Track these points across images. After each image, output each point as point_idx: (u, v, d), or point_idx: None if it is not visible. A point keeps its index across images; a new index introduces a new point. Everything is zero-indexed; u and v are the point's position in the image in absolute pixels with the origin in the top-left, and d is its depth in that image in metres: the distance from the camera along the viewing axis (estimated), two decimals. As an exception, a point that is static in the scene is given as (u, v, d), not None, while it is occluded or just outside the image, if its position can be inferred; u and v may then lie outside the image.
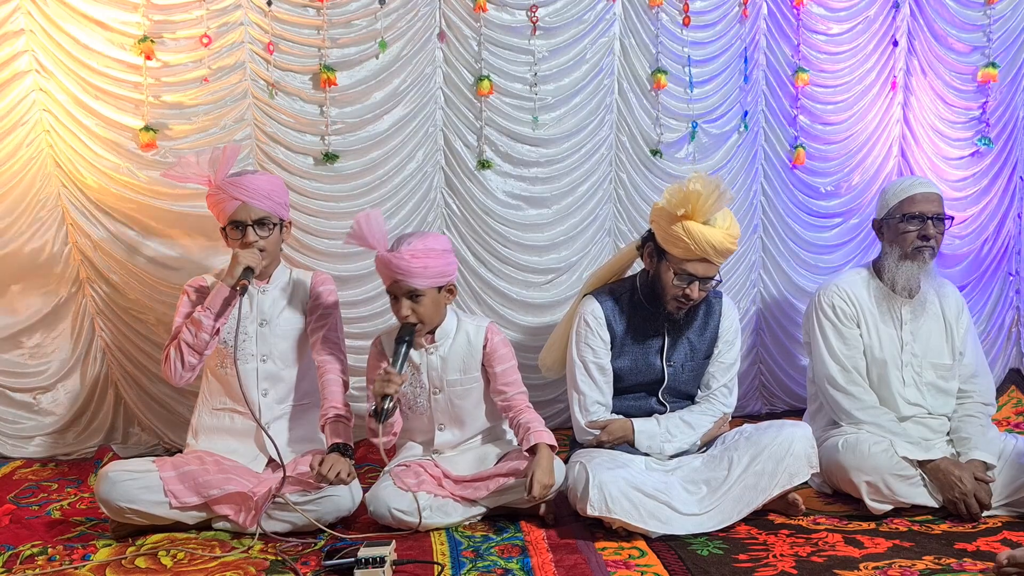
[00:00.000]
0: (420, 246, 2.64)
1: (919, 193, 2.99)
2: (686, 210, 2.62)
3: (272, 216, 2.75)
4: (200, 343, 2.68)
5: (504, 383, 2.81)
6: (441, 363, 2.79)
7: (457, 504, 2.68)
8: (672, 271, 2.72)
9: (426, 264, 2.62)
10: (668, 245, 2.71)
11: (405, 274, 2.61)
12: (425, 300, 2.67)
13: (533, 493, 2.55)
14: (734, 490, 2.62)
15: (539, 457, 2.62)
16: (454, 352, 2.80)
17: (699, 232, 2.63)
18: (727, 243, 2.67)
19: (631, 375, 2.87)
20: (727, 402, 2.92)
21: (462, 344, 2.80)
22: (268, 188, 2.74)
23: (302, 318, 2.87)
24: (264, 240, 2.74)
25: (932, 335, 3.04)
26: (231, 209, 2.70)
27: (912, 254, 2.97)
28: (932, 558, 2.36)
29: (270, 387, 2.82)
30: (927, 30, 3.95)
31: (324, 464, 2.56)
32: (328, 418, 2.72)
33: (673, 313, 2.80)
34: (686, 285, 2.72)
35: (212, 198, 2.74)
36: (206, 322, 2.66)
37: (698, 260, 2.68)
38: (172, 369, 2.70)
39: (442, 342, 2.79)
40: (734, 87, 3.81)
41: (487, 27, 3.54)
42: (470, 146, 3.62)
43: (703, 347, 2.89)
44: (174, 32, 3.29)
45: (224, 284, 2.68)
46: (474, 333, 2.82)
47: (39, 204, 3.34)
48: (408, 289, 2.64)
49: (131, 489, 2.54)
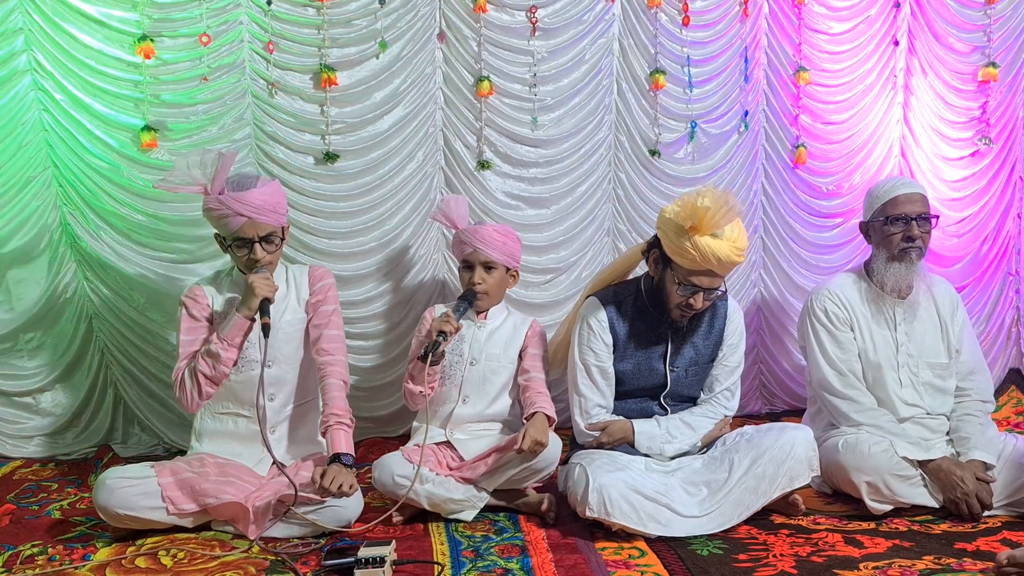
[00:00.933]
0: (500, 226, 3.07)
1: (901, 194, 2.98)
2: (694, 223, 2.59)
3: (278, 230, 2.74)
4: (219, 375, 2.67)
5: (531, 364, 2.98)
6: (486, 338, 2.97)
7: (458, 484, 2.73)
8: (677, 281, 2.71)
9: (505, 241, 2.97)
10: (674, 255, 2.69)
11: (487, 244, 2.94)
12: (496, 273, 2.97)
13: (523, 445, 2.60)
14: (734, 492, 2.62)
15: (535, 419, 2.75)
16: (499, 333, 3.01)
17: (706, 246, 2.60)
18: (733, 256, 2.64)
19: (633, 379, 2.87)
20: (729, 405, 2.91)
21: (508, 328, 3.03)
22: (273, 201, 2.69)
23: (303, 317, 2.86)
24: (271, 255, 2.73)
25: (927, 334, 3.03)
26: (236, 226, 2.64)
27: (899, 256, 2.96)
28: (932, 558, 2.36)
29: (276, 391, 2.80)
30: (927, 30, 3.95)
31: (326, 477, 2.54)
32: (329, 425, 2.70)
33: (677, 321, 2.80)
34: (690, 295, 2.70)
35: (212, 211, 2.66)
36: (225, 355, 2.64)
37: (703, 273, 2.66)
38: (188, 398, 2.68)
39: (493, 320, 3.02)
40: (734, 87, 3.81)
41: (487, 28, 3.54)
42: (470, 146, 3.62)
43: (707, 351, 2.88)
44: (173, 31, 3.28)
45: (241, 316, 2.65)
46: (520, 322, 3.06)
47: (38, 204, 3.33)
48: (486, 259, 2.94)
49: (129, 496, 2.53)
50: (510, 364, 2.99)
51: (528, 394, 2.91)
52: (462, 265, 3.02)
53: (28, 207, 3.32)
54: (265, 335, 2.61)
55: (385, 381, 3.66)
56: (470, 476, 2.75)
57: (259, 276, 2.67)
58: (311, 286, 2.87)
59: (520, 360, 3.00)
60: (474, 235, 2.96)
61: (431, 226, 3.63)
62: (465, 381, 2.93)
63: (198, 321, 2.76)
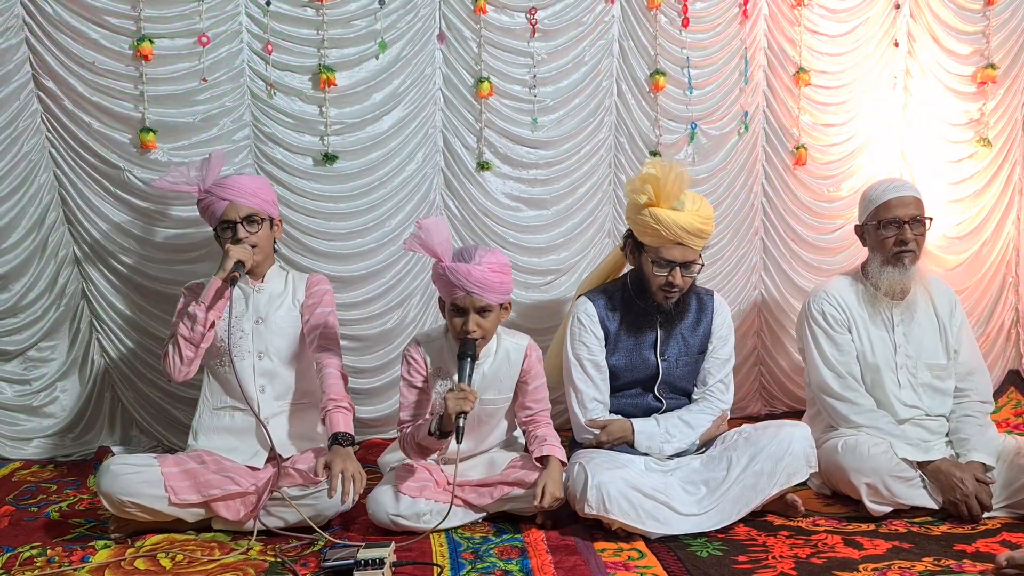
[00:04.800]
0: (494, 260, 2.58)
1: (894, 198, 2.98)
2: (649, 197, 2.67)
3: (260, 212, 2.83)
4: (196, 336, 2.72)
5: (533, 399, 2.79)
6: (480, 380, 2.69)
7: (458, 509, 2.66)
8: (651, 261, 2.75)
9: (503, 280, 2.59)
10: (642, 236, 2.76)
11: (484, 288, 2.54)
12: (492, 316, 2.61)
13: (543, 503, 2.55)
14: (733, 490, 2.62)
15: (550, 468, 2.64)
16: (494, 370, 2.74)
17: (666, 217, 2.66)
18: (698, 223, 2.69)
19: (626, 371, 2.88)
20: (724, 398, 2.92)
21: (502, 362, 2.75)
22: (253, 186, 2.85)
23: (298, 317, 2.90)
24: (254, 236, 2.81)
25: (925, 335, 3.03)
26: (220, 210, 2.79)
27: (892, 259, 2.96)
28: (931, 559, 2.36)
29: (267, 383, 2.84)
30: (927, 31, 3.95)
31: (334, 467, 2.54)
32: (328, 409, 2.73)
33: (663, 304, 2.81)
34: (668, 272, 2.74)
35: (202, 203, 2.84)
36: (200, 315, 2.71)
37: (673, 244, 2.71)
38: (171, 364, 2.75)
39: (484, 360, 2.72)
40: (734, 88, 3.81)
41: (487, 29, 3.54)
42: (469, 148, 3.62)
43: (696, 342, 2.90)
44: (172, 32, 3.28)
45: (216, 278, 2.72)
46: (514, 352, 2.76)
47: (38, 204, 3.33)
48: (482, 305, 2.56)
49: (133, 482, 2.54)
50: (506, 402, 2.80)
51: (533, 431, 2.76)
52: (450, 307, 2.61)
53: (28, 207, 3.32)
54: (232, 285, 2.70)
55: (383, 383, 3.66)
56: (475, 503, 2.68)
57: (238, 245, 2.77)
58: (307, 290, 2.93)
59: (517, 395, 2.79)
60: (467, 278, 2.51)
61: (431, 227, 3.63)
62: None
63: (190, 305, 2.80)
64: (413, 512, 2.59)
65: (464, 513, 2.69)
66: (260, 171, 3.43)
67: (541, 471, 2.65)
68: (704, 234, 2.73)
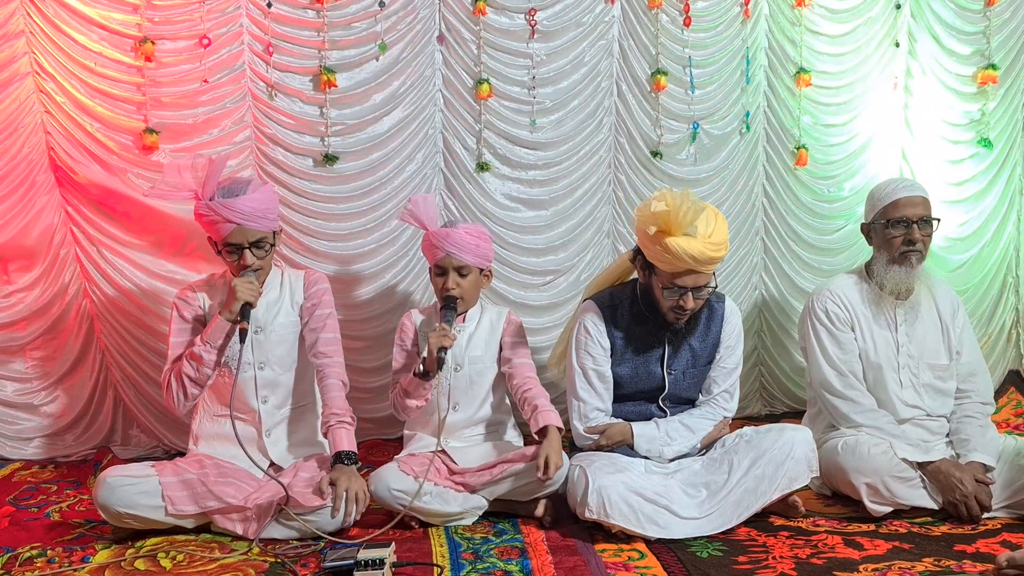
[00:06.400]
0: (472, 227, 2.93)
1: (903, 198, 2.97)
2: (659, 227, 2.57)
3: (268, 236, 2.72)
4: (203, 377, 2.69)
5: (511, 352, 2.95)
6: (467, 341, 2.93)
7: (456, 493, 2.71)
8: (662, 285, 2.68)
9: (478, 243, 2.88)
10: (653, 260, 2.67)
11: (460, 248, 2.84)
12: (470, 277, 2.89)
13: (548, 473, 2.60)
14: (734, 494, 2.62)
15: (550, 439, 2.69)
16: (478, 334, 2.96)
17: (677, 247, 2.55)
18: (709, 252, 2.58)
19: (631, 383, 2.86)
20: (728, 407, 2.90)
21: (486, 326, 2.98)
22: (263, 207, 2.67)
23: (297, 320, 2.85)
24: (261, 260, 2.72)
25: (928, 336, 3.03)
26: (225, 232, 2.65)
27: (899, 259, 2.96)
28: (931, 560, 2.36)
29: (270, 394, 2.81)
30: (928, 31, 3.94)
31: (339, 486, 2.54)
32: (330, 425, 2.71)
33: (673, 324, 2.78)
34: (678, 297, 2.67)
35: (203, 217, 2.67)
36: (207, 358, 2.66)
37: (685, 273, 2.62)
38: (175, 400, 2.71)
39: (470, 323, 2.97)
40: (736, 88, 3.81)
41: (486, 30, 3.54)
42: (469, 148, 3.62)
43: (705, 352, 2.87)
44: (174, 33, 3.29)
45: (223, 319, 2.65)
46: (496, 318, 3.02)
47: (39, 206, 3.33)
48: (459, 264, 2.85)
49: (130, 494, 2.53)
50: (493, 363, 2.97)
51: (521, 387, 2.87)
52: (434, 269, 2.92)
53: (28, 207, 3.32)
54: (241, 340, 2.62)
55: (385, 382, 3.64)
56: (472, 483, 2.72)
57: (243, 280, 2.67)
58: (305, 290, 2.87)
59: (502, 349, 2.97)
60: (446, 240, 2.84)
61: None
62: (453, 388, 2.90)
63: (188, 323, 2.78)
64: (414, 489, 2.62)
65: (464, 498, 2.71)
66: (261, 172, 3.43)
67: (540, 444, 2.69)
68: (715, 261, 2.62)
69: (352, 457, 2.65)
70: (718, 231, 2.61)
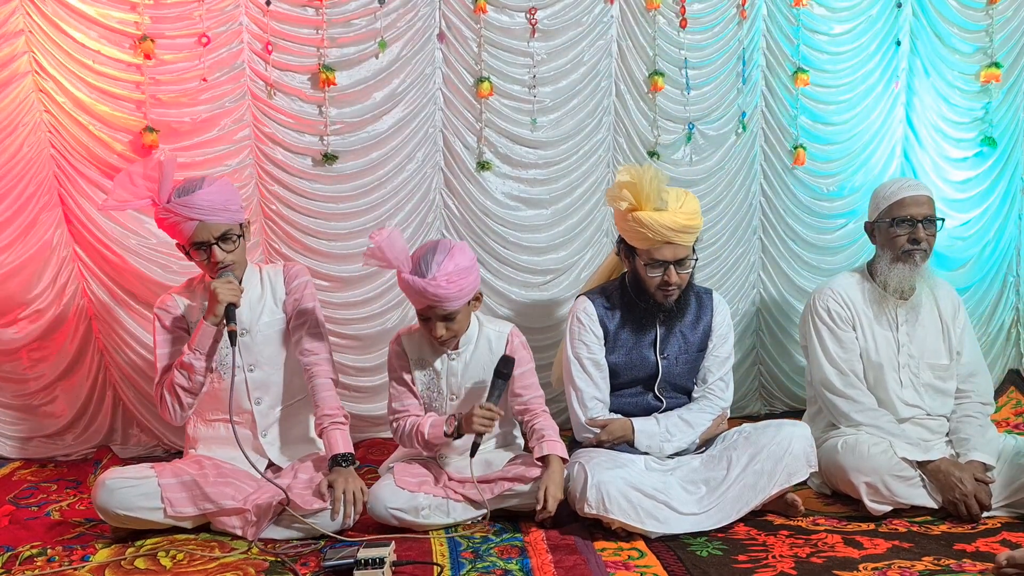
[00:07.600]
0: (451, 267, 2.53)
1: (908, 196, 2.97)
2: (629, 203, 2.67)
3: (234, 228, 2.64)
4: (196, 385, 2.67)
5: (522, 386, 2.77)
6: (463, 369, 2.75)
7: (457, 504, 2.67)
8: (644, 264, 2.75)
9: (461, 287, 2.56)
10: (631, 240, 2.76)
11: (442, 300, 2.55)
12: (459, 317, 2.64)
13: (547, 507, 2.55)
14: (733, 489, 2.63)
15: (551, 471, 2.62)
16: (475, 359, 2.76)
17: (649, 219, 2.65)
18: (683, 220, 2.67)
19: (626, 370, 2.88)
20: (724, 396, 2.92)
21: (483, 350, 2.76)
22: (222, 199, 2.59)
23: (282, 316, 2.81)
24: (232, 254, 2.65)
25: (928, 336, 3.03)
26: (189, 231, 2.58)
27: (903, 257, 2.96)
28: (931, 559, 2.36)
29: (263, 394, 2.78)
30: (930, 30, 3.95)
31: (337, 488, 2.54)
32: (324, 427, 2.69)
33: (663, 303, 2.81)
34: (662, 272, 2.73)
35: (164, 221, 2.60)
36: (198, 365, 2.64)
37: (663, 244, 2.70)
38: (171, 412, 2.70)
39: (464, 349, 2.75)
40: (732, 88, 3.81)
41: (486, 29, 3.54)
42: (469, 147, 3.62)
43: (696, 340, 2.90)
44: (173, 32, 3.28)
45: (208, 323, 2.62)
46: (495, 339, 2.78)
47: (39, 205, 3.33)
48: (444, 313, 2.59)
49: (129, 497, 2.52)
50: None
51: (531, 421, 2.75)
52: (419, 314, 2.65)
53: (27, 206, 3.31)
54: (232, 343, 2.59)
55: (383, 381, 3.64)
56: (475, 498, 2.67)
57: (222, 281, 2.61)
58: (287, 284, 2.82)
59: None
60: (425, 293, 2.53)
61: (430, 227, 3.63)
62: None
63: (171, 333, 2.75)
64: (412, 506, 2.60)
65: (464, 508, 2.68)
66: (260, 171, 3.43)
67: (542, 472, 2.64)
68: (691, 229, 2.72)
69: (349, 459, 2.65)
70: (688, 203, 2.73)
